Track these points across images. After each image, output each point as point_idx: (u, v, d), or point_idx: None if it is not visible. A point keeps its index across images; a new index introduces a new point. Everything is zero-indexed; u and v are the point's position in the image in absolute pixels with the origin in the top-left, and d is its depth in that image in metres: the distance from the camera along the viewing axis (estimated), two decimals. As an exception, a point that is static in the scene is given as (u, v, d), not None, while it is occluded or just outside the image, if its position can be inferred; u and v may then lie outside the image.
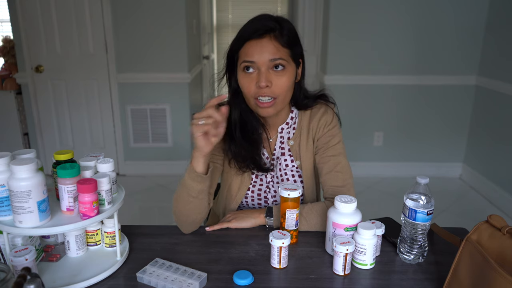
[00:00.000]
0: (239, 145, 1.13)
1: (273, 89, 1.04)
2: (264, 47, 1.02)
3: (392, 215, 1.16)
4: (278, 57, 1.03)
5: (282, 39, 1.03)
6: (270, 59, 1.02)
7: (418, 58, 3.19)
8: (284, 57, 1.04)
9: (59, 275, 0.88)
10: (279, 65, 1.03)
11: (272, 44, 1.02)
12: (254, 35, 1.02)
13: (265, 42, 1.02)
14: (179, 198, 1.03)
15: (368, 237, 0.90)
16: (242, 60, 1.04)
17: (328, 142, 1.15)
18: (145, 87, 3.33)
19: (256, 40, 1.02)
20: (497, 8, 2.97)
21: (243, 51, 1.04)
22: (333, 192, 1.12)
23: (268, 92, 1.03)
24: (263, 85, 1.02)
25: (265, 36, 1.02)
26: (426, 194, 0.91)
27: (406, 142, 3.40)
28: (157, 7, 3.14)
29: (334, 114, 1.18)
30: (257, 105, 1.07)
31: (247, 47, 1.03)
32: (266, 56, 1.02)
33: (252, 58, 1.02)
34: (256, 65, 1.03)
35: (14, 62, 3.35)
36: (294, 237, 1.02)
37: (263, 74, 1.02)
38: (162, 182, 3.35)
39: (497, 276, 0.68)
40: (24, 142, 3.51)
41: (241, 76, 1.06)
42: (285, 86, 1.05)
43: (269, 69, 1.03)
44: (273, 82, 1.03)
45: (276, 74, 1.04)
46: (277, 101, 1.06)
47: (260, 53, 1.02)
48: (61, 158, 0.91)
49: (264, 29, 1.02)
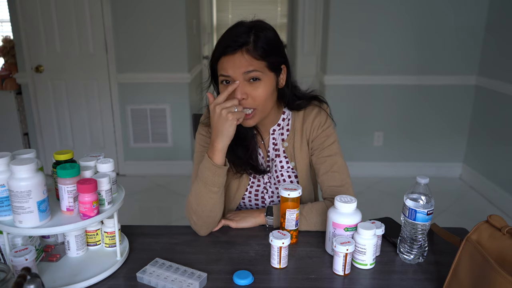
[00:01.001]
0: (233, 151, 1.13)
1: (249, 100, 1.04)
2: (236, 63, 1.02)
3: (392, 215, 1.16)
4: (251, 69, 1.02)
5: (255, 52, 1.02)
6: (243, 72, 1.02)
7: (418, 58, 3.19)
8: (259, 69, 1.03)
9: (59, 275, 0.88)
10: (255, 78, 1.03)
11: (244, 59, 1.02)
12: (227, 50, 1.03)
13: (237, 57, 1.02)
14: (200, 198, 1.03)
15: (368, 237, 0.90)
16: (220, 74, 1.05)
17: (323, 142, 1.15)
18: (145, 87, 3.33)
19: (228, 56, 1.02)
20: (497, 8, 2.97)
21: (219, 65, 1.05)
22: (332, 192, 1.12)
23: (246, 103, 1.04)
24: (238, 97, 1.02)
25: (237, 52, 1.02)
26: (426, 194, 0.91)
27: (406, 142, 3.40)
28: (157, 7, 3.14)
29: (327, 115, 1.18)
30: None
31: (222, 62, 1.04)
32: (239, 70, 1.02)
33: (227, 73, 1.03)
34: (232, 79, 1.03)
35: (14, 62, 3.35)
36: (294, 237, 1.03)
37: (238, 87, 1.03)
38: (162, 182, 3.35)
39: (497, 276, 0.68)
40: (24, 142, 3.51)
41: (221, 87, 1.07)
42: (262, 96, 1.05)
43: (244, 81, 1.03)
44: (249, 93, 1.03)
45: (252, 85, 1.03)
46: (256, 112, 1.06)
47: (233, 68, 1.02)
48: (61, 158, 0.91)
49: (236, 45, 1.02)
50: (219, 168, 1.00)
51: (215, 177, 1.01)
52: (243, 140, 1.15)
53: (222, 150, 1.01)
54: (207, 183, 1.02)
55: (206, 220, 1.05)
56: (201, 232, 1.07)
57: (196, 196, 1.04)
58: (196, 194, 1.04)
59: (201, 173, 1.03)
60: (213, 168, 1.00)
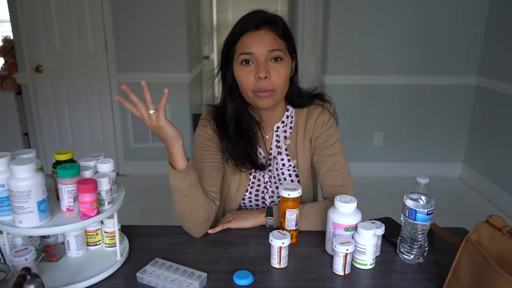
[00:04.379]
0: (234, 142, 1.12)
1: (271, 80, 1.04)
2: (261, 38, 1.02)
3: (392, 215, 1.16)
4: (276, 48, 1.03)
5: (278, 31, 1.04)
6: (268, 49, 1.02)
7: (418, 58, 3.19)
8: (282, 48, 1.04)
9: (59, 275, 0.88)
10: (278, 57, 1.04)
11: (269, 35, 1.03)
12: (251, 26, 1.02)
13: (262, 33, 1.02)
14: (176, 203, 1.02)
15: (368, 237, 0.90)
16: (240, 53, 1.04)
17: (325, 141, 1.15)
18: (145, 87, 3.32)
19: (253, 32, 1.03)
20: (497, 8, 2.97)
21: (240, 44, 1.04)
22: (332, 191, 1.12)
23: (266, 84, 1.03)
24: (262, 75, 1.01)
25: (262, 28, 1.03)
26: (426, 194, 0.91)
27: (406, 142, 3.40)
28: (157, 7, 3.14)
29: (330, 114, 1.18)
30: (256, 96, 1.06)
31: (244, 39, 1.03)
32: (264, 47, 1.02)
33: (250, 50, 1.02)
34: (254, 57, 1.03)
35: (14, 62, 3.35)
36: (294, 237, 1.02)
37: (261, 65, 1.02)
38: (162, 182, 3.35)
39: (497, 276, 0.68)
40: (24, 142, 3.51)
41: (239, 69, 1.06)
42: (283, 77, 1.05)
43: (267, 60, 1.03)
44: (271, 73, 1.03)
45: (274, 65, 1.04)
46: (275, 93, 1.06)
47: (257, 44, 1.02)
48: (61, 158, 0.91)
49: (261, 20, 1.03)
50: (180, 172, 0.96)
51: (181, 182, 0.97)
52: (246, 130, 1.14)
53: (178, 153, 0.95)
54: (176, 189, 0.99)
55: (191, 221, 1.03)
56: (193, 234, 1.06)
57: (174, 203, 1.02)
58: (174, 201, 1.02)
59: (170, 181, 0.99)
60: (175, 174, 0.96)
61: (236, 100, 1.13)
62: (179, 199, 1.01)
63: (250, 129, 1.15)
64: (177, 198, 1.01)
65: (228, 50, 1.08)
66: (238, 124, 1.13)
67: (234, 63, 1.07)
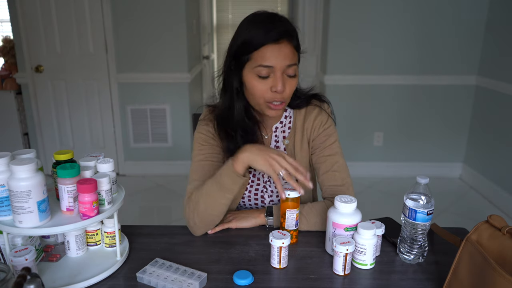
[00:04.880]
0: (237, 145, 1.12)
1: (284, 94, 1.05)
2: (282, 52, 1.00)
3: (392, 215, 1.16)
4: (293, 62, 1.03)
5: (293, 42, 1.03)
6: (288, 64, 1.02)
7: (418, 58, 3.19)
8: (296, 62, 1.05)
9: (59, 275, 0.88)
10: (293, 73, 1.04)
11: (288, 49, 1.01)
12: (271, 39, 0.99)
13: (282, 47, 1.00)
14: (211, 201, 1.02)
15: (368, 237, 0.90)
16: (258, 64, 1.01)
17: (324, 142, 1.15)
18: (145, 87, 3.33)
19: (273, 45, 1.00)
20: (497, 8, 2.97)
21: (258, 55, 1.01)
22: (332, 191, 1.12)
23: (280, 97, 1.05)
24: (280, 89, 1.02)
25: (283, 41, 1.00)
26: (426, 194, 0.91)
27: (406, 142, 3.40)
28: (157, 7, 3.14)
29: (328, 115, 1.18)
30: (268, 107, 1.07)
31: (264, 51, 1.00)
32: (284, 61, 1.01)
33: (270, 63, 1.00)
34: (272, 70, 1.02)
35: (14, 62, 3.35)
36: (294, 237, 1.02)
37: (279, 79, 1.02)
38: (162, 182, 3.35)
39: (497, 276, 0.68)
40: (24, 142, 3.51)
41: (254, 79, 1.04)
42: (293, 91, 1.07)
43: (284, 73, 1.03)
44: (286, 86, 1.04)
45: (289, 80, 1.04)
46: (285, 104, 1.08)
47: (278, 58, 1.00)
48: (61, 158, 0.91)
49: (281, 33, 1.00)
50: (239, 178, 0.99)
51: (234, 185, 1.00)
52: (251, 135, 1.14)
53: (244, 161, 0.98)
54: (223, 189, 1.00)
55: (207, 221, 1.05)
56: (197, 232, 1.07)
57: (206, 198, 1.03)
58: (207, 195, 1.02)
59: (220, 178, 1.01)
60: (234, 176, 0.99)
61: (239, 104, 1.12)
62: (218, 199, 1.02)
63: (254, 133, 1.14)
64: (217, 197, 1.02)
65: (240, 55, 1.05)
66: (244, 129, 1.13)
67: (247, 70, 1.05)
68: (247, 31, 1.03)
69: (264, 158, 0.95)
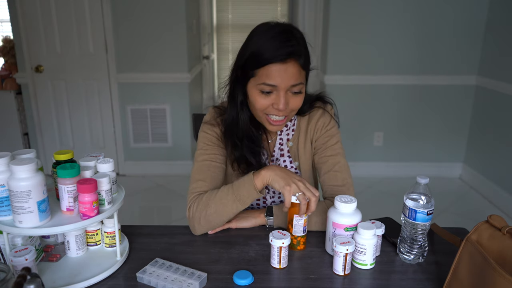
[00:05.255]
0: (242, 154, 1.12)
1: (288, 109, 1.04)
2: (287, 73, 0.99)
3: (392, 215, 1.16)
4: (299, 82, 1.02)
5: (301, 61, 1.01)
6: (292, 84, 1.01)
7: (418, 58, 3.19)
8: (303, 81, 1.03)
9: (59, 275, 0.88)
10: (298, 91, 1.03)
11: (295, 69, 1.00)
12: (278, 58, 0.98)
13: (289, 67, 0.99)
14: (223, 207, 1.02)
15: (368, 237, 0.90)
16: (262, 82, 1.01)
17: (326, 142, 1.16)
18: (145, 87, 3.33)
19: (280, 65, 0.98)
20: (497, 8, 2.97)
21: (263, 72, 1.00)
22: (332, 191, 1.12)
23: (280, 113, 1.04)
24: (282, 108, 1.01)
25: (289, 61, 0.98)
26: (426, 194, 0.91)
27: (406, 142, 3.40)
28: (157, 7, 3.14)
29: (331, 116, 1.18)
30: (267, 121, 1.07)
31: (269, 70, 0.99)
32: (288, 81, 1.00)
33: (274, 82, 1.00)
34: (276, 88, 1.01)
35: (14, 62, 3.35)
36: (302, 244, 1.00)
37: (281, 97, 1.01)
38: (162, 182, 3.35)
39: (497, 276, 0.68)
40: (24, 142, 3.51)
41: (256, 95, 1.04)
42: (299, 105, 1.06)
43: (288, 91, 1.02)
44: (290, 103, 1.04)
45: (293, 97, 1.04)
46: (288, 117, 1.08)
47: (282, 78, 0.99)
48: (61, 158, 0.91)
49: (288, 54, 0.98)
50: (256, 193, 0.99)
51: (249, 199, 1.01)
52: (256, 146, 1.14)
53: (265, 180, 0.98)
54: (237, 200, 1.01)
55: (212, 224, 1.05)
56: (198, 232, 1.07)
57: (219, 204, 1.02)
58: (220, 202, 1.02)
59: (238, 189, 1.01)
60: (252, 190, 0.99)
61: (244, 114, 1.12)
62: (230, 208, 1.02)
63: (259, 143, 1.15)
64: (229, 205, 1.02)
65: (247, 68, 1.04)
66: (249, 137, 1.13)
67: (251, 84, 1.05)
68: (257, 44, 1.02)
69: (286, 181, 0.95)
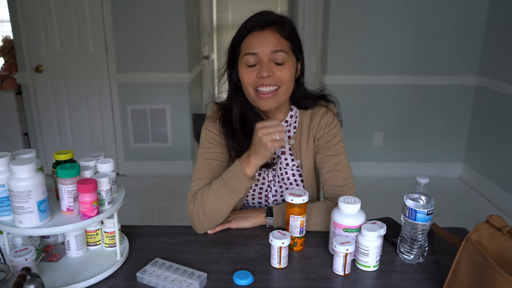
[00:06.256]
0: (240, 142, 1.12)
1: (275, 78, 1.05)
2: (266, 39, 1.03)
3: (392, 215, 1.16)
4: (279, 49, 1.04)
5: (283, 32, 1.05)
6: (272, 50, 1.03)
7: (418, 58, 3.19)
8: (285, 49, 1.05)
9: (59, 275, 0.88)
10: (281, 62, 1.04)
11: (274, 36, 1.04)
12: (256, 26, 1.04)
13: (267, 34, 1.04)
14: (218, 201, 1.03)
15: (372, 238, 0.90)
16: (244, 53, 1.05)
17: (328, 142, 1.15)
18: (145, 87, 3.33)
19: (258, 32, 1.04)
20: (497, 8, 2.97)
21: (245, 43, 1.06)
22: (333, 191, 1.12)
23: (270, 81, 1.04)
24: (265, 75, 1.03)
25: (267, 28, 1.04)
26: (426, 194, 0.91)
27: (406, 142, 3.40)
28: (157, 7, 3.14)
29: (334, 115, 1.18)
30: (257, 97, 1.07)
31: (249, 39, 1.05)
32: (267, 47, 1.03)
33: (254, 50, 1.03)
34: (258, 57, 1.04)
35: (14, 62, 3.35)
36: (299, 245, 1.00)
37: (265, 65, 1.03)
38: (162, 182, 3.35)
39: (497, 276, 0.68)
40: (24, 142, 3.51)
41: (243, 68, 1.07)
42: (287, 76, 1.06)
43: (270, 61, 1.04)
44: (275, 72, 1.05)
45: (277, 67, 1.05)
46: (279, 92, 1.07)
47: (262, 44, 1.03)
48: (61, 158, 0.91)
49: (267, 21, 1.04)
50: (248, 180, 1.00)
51: (242, 188, 1.02)
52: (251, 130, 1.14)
53: (256, 166, 1.01)
54: (231, 191, 1.02)
55: (212, 220, 1.06)
56: (200, 230, 1.07)
57: (214, 197, 1.03)
58: (214, 195, 1.04)
59: (228, 180, 1.02)
60: (243, 179, 1.00)
61: (241, 99, 1.13)
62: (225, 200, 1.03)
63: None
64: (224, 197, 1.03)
65: (233, 49, 1.09)
66: (244, 123, 1.14)
67: (239, 62, 1.08)
68: (242, 24, 1.08)
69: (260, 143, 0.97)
